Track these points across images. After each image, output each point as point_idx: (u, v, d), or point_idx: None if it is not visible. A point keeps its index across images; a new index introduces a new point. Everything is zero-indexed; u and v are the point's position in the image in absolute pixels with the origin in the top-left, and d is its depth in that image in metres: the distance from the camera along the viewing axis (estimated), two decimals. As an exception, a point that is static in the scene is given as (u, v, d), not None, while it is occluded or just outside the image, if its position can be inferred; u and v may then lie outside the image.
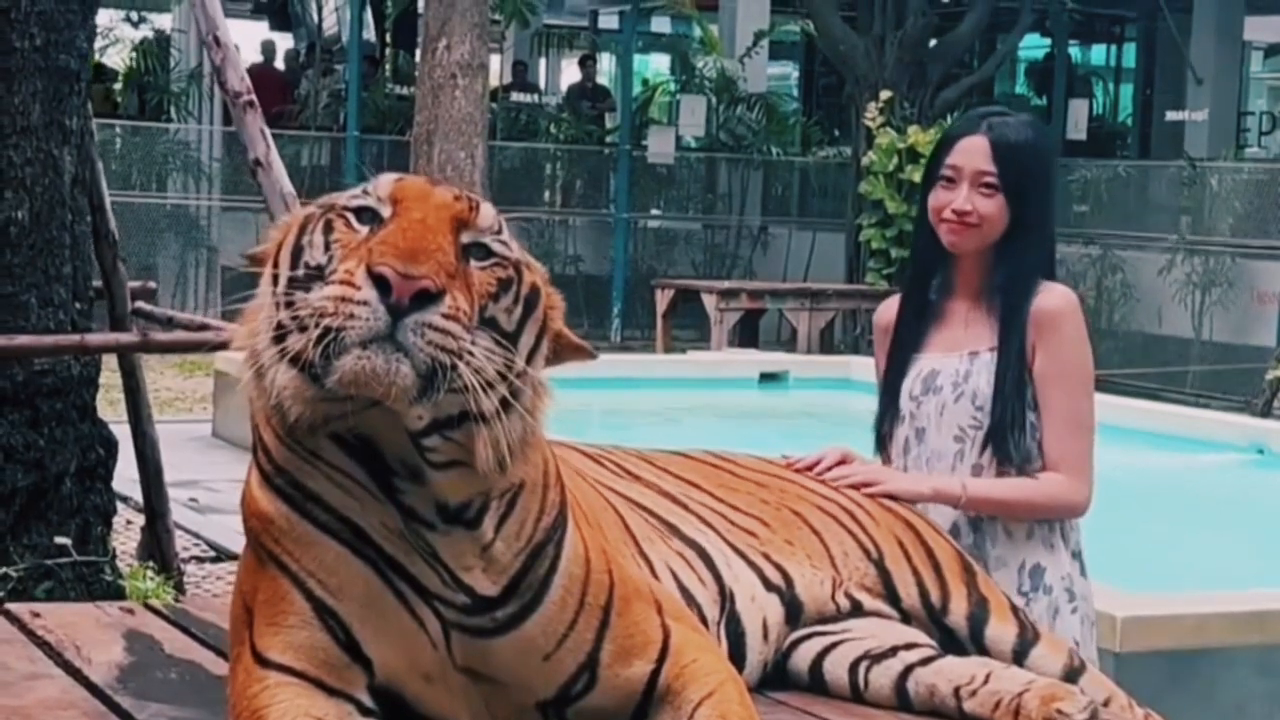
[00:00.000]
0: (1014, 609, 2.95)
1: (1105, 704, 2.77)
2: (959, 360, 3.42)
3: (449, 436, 2.13)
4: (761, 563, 2.80)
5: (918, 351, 3.47)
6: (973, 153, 3.42)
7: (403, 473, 2.19)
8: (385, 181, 2.21)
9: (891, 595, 2.89)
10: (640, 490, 2.80)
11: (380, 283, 2.03)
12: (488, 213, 2.21)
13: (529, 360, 2.21)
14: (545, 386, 2.26)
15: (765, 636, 2.78)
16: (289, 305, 2.12)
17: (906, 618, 2.88)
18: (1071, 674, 2.87)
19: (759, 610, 2.77)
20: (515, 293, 2.19)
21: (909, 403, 3.45)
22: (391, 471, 2.19)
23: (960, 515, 3.38)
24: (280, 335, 2.11)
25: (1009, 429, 3.33)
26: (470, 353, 2.07)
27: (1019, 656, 2.87)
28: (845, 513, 2.94)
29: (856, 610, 2.85)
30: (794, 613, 2.81)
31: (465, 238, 2.17)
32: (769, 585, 2.80)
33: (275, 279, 2.19)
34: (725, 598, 2.73)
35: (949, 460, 3.40)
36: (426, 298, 2.05)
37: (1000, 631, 2.89)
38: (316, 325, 2.05)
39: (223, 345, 5.57)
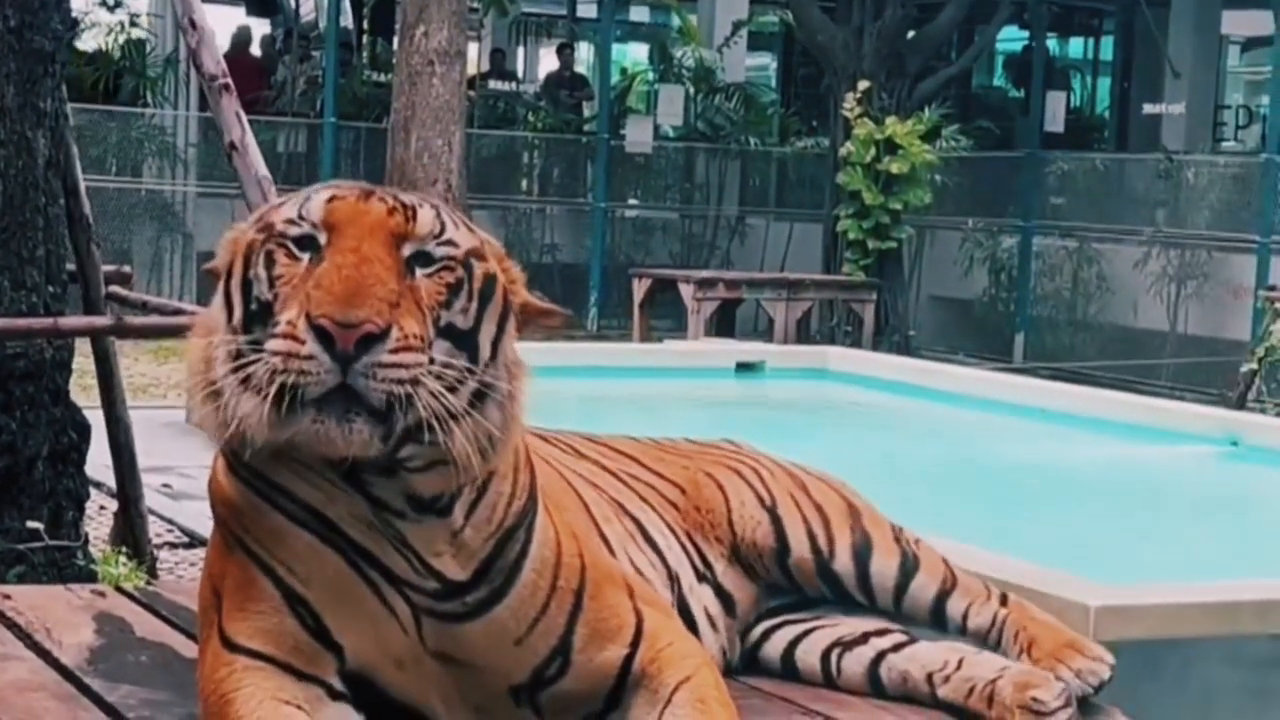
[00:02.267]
0: (896, 538, 2.93)
1: (968, 609, 2.84)
2: None
3: (425, 441, 2.12)
4: (690, 548, 2.82)
5: None
6: None
7: (371, 469, 2.18)
8: (317, 205, 2.18)
9: (781, 543, 2.87)
10: (589, 468, 2.81)
11: (323, 334, 2.03)
12: (426, 217, 2.18)
13: (494, 349, 2.20)
14: (520, 365, 2.25)
15: (713, 625, 2.79)
16: (247, 335, 2.13)
17: (790, 574, 2.86)
18: (944, 594, 2.86)
19: (699, 599, 2.78)
20: (468, 290, 2.19)
21: None
22: (360, 466, 2.18)
23: None
24: (238, 365, 2.11)
25: None
26: (428, 373, 2.08)
27: (900, 590, 2.86)
28: (750, 470, 2.95)
29: (756, 572, 2.86)
30: (728, 605, 2.84)
31: (407, 250, 2.15)
32: (700, 575, 2.82)
33: (228, 301, 2.19)
34: (674, 580, 2.74)
35: None
36: (371, 338, 2.04)
37: (883, 565, 2.87)
38: (270, 380, 2.05)
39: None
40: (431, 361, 2.09)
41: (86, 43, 19.34)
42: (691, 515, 2.86)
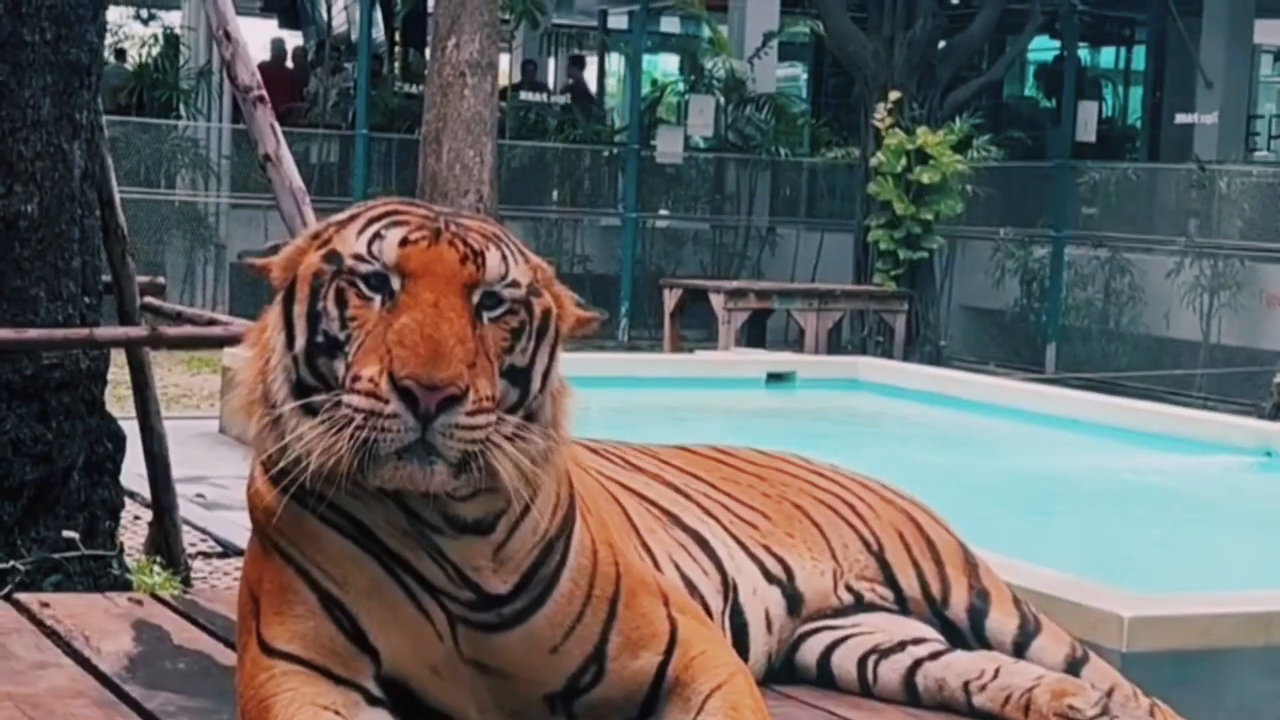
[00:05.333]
0: (1016, 600, 2.94)
1: (1109, 693, 2.76)
2: None
3: (473, 471, 2.15)
4: (762, 555, 2.81)
5: None
6: None
7: None
8: (390, 247, 2.20)
9: (893, 587, 2.88)
10: (643, 481, 2.81)
11: (406, 394, 2.08)
12: (493, 262, 2.21)
13: (544, 378, 2.24)
14: (564, 388, 2.29)
15: (769, 628, 2.78)
16: (310, 366, 2.18)
17: (907, 609, 2.87)
18: (1074, 664, 2.86)
19: (760, 602, 2.77)
20: (528, 332, 2.23)
21: None
22: None
23: None
24: (300, 390, 2.17)
25: None
26: (495, 430, 2.13)
27: (1020, 648, 2.86)
28: (846, 505, 2.94)
29: (858, 602, 2.85)
30: (795, 605, 2.82)
31: (476, 296, 2.19)
32: (770, 577, 2.80)
33: (289, 325, 2.21)
34: (728, 588, 2.74)
35: None
36: (452, 399, 2.09)
37: (1001, 623, 2.89)
38: (352, 437, 2.10)
39: (231, 341, 5.57)
40: (500, 419, 2.15)
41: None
42: (780, 538, 2.85)
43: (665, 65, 25.98)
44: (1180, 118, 20.26)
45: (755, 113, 20.81)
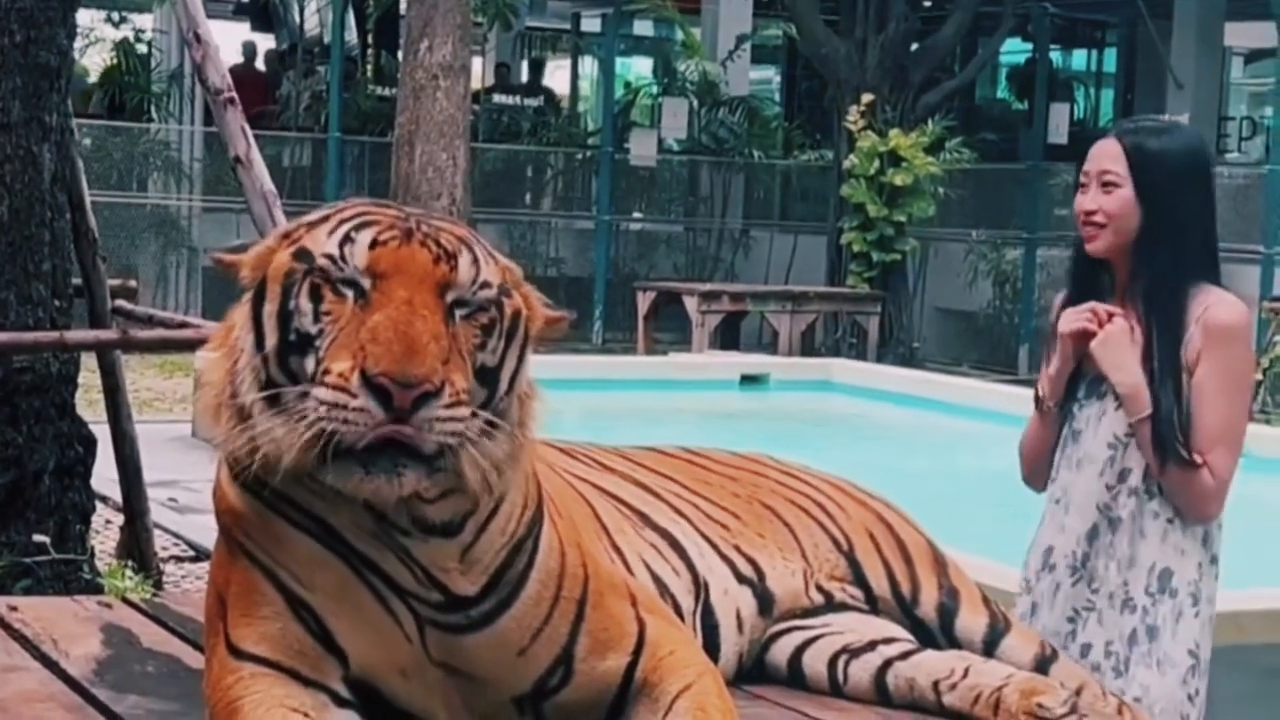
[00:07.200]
0: (985, 599, 2.94)
1: (1078, 692, 2.77)
2: None
3: (440, 470, 2.15)
4: (734, 555, 2.81)
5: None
6: (1098, 155, 3.62)
7: None
8: (360, 251, 2.18)
9: (863, 586, 2.89)
10: (613, 480, 2.81)
11: (380, 391, 2.06)
12: (465, 264, 2.21)
13: (513, 380, 2.24)
14: (532, 390, 2.28)
15: (740, 628, 2.78)
16: (281, 365, 2.16)
17: (877, 608, 2.88)
18: (1043, 663, 2.87)
19: (732, 602, 2.77)
20: (498, 331, 2.22)
21: (1075, 404, 3.59)
22: None
23: (1100, 516, 3.53)
24: (269, 391, 2.15)
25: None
26: (471, 425, 2.12)
27: (989, 646, 2.87)
28: (817, 505, 2.94)
29: (829, 602, 2.85)
30: (766, 605, 2.82)
31: (449, 297, 2.18)
32: (741, 578, 2.80)
33: (258, 325, 2.19)
34: (700, 587, 2.74)
35: (1099, 465, 3.54)
36: (428, 395, 2.08)
37: (970, 622, 2.89)
38: (311, 425, 2.08)
39: (204, 343, 5.56)
40: (473, 415, 2.13)
41: (92, 58, 19.38)
42: (750, 538, 2.85)
43: (638, 68, 25.98)
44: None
45: (728, 115, 20.83)
